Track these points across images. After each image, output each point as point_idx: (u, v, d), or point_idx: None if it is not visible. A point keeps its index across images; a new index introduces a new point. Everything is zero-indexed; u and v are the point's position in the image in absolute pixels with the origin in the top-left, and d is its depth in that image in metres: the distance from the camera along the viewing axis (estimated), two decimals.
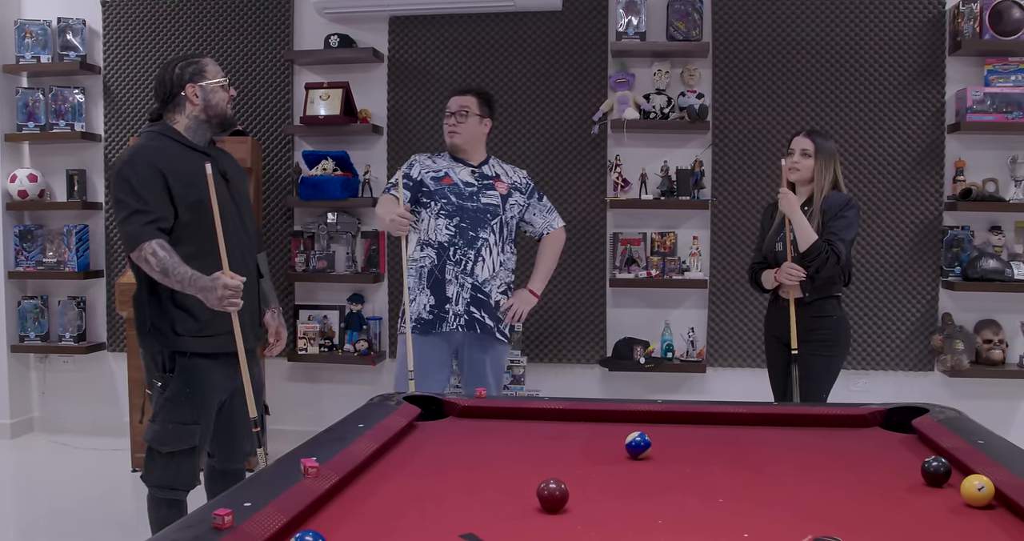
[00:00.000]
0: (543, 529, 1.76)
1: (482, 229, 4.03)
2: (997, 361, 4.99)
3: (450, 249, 3.99)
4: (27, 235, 5.80)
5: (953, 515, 1.85)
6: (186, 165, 3.12)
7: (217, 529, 1.58)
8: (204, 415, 3.20)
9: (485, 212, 4.04)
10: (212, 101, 3.24)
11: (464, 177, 4.08)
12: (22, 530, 4.29)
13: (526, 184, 4.22)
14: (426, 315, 4.01)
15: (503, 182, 4.13)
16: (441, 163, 4.13)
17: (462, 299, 4.00)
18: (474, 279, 4.01)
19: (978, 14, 4.87)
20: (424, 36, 5.45)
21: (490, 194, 4.08)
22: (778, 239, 3.99)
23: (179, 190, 3.09)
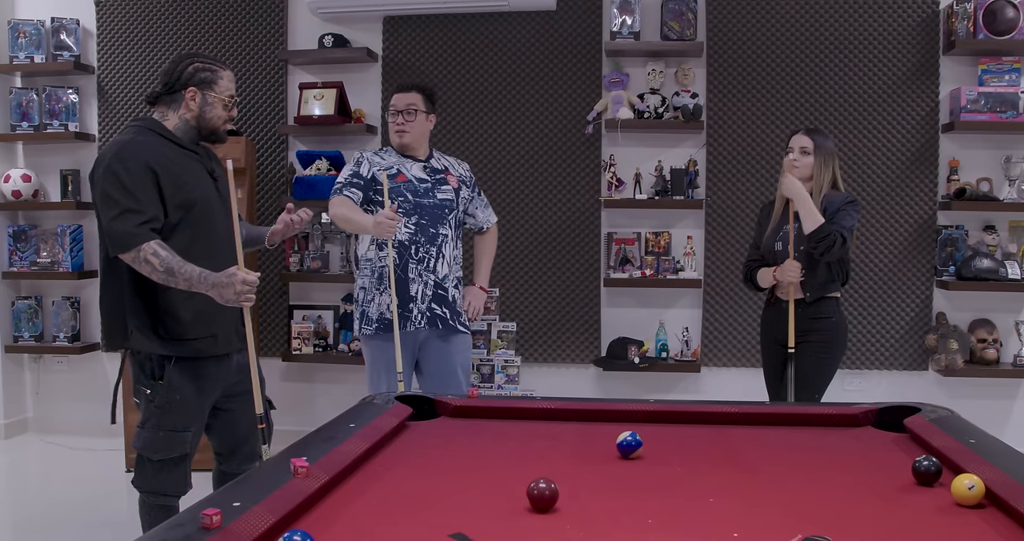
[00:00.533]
0: (532, 528, 1.76)
1: (441, 225, 4.01)
2: (991, 360, 5.00)
3: (411, 247, 3.95)
4: (21, 235, 5.79)
5: (943, 514, 1.85)
6: (175, 164, 3.04)
7: (205, 529, 1.58)
8: (195, 421, 3.13)
9: (442, 208, 4.02)
10: (207, 114, 3.14)
11: (416, 173, 4.04)
12: (16, 530, 4.28)
13: (469, 177, 4.22)
14: (388, 315, 3.94)
15: (452, 175, 4.12)
16: (390, 159, 4.07)
17: (424, 296, 3.97)
18: (435, 276, 3.99)
19: (972, 13, 4.88)
20: (418, 36, 5.45)
21: (444, 189, 4.05)
22: (778, 237, 3.98)
23: (169, 190, 2.99)
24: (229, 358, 3.22)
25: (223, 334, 3.16)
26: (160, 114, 3.16)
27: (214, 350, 3.12)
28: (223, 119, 3.18)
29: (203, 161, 3.16)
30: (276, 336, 5.66)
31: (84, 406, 5.86)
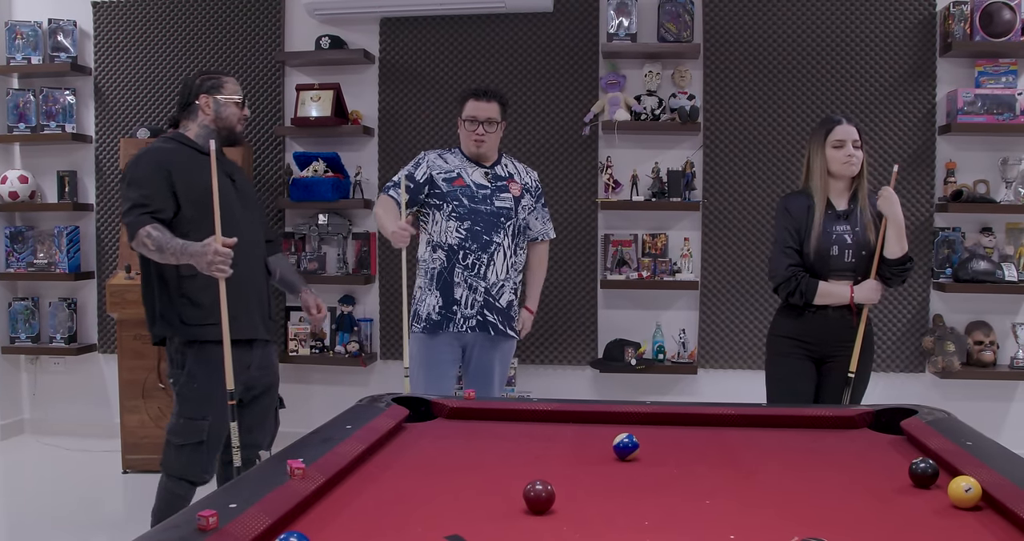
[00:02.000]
0: (529, 530, 1.76)
1: (495, 233, 3.96)
2: (988, 363, 5.00)
3: (460, 252, 3.93)
4: (18, 236, 5.78)
5: (940, 516, 1.85)
6: (191, 166, 3.34)
7: (202, 530, 1.57)
8: (212, 410, 3.32)
9: (499, 216, 3.97)
10: (223, 114, 3.48)
11: (477, 179, 4.00)
12: (13, 532, 4.27)
13: (536, 187, 4.17)
14: (435, 316, 3.97)
15: (516, 183, 4.06)
16: (453, 162, 4.05)
17: (474, 302, 3.95)
18: (486, 283, 3.96)
19: (969, 15, 4.88)
20: (415, 37, 5.45)
21: (504, 196, 4.00)
22: (834, 241, 3.55)
23: (183, 187, 3.29)
24: (250, 346, 3.45)
25: (245, 318, 3.39)
26: (183, 127, 3.51)
27: (237, 333, 3.26)
28: (237, 117, 3.53)
29: (222, 165, 3.34)
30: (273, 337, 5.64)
31: (81, 407, 5.86)
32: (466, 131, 4.00)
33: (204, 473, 3.41)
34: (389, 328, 5.57)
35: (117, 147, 5.65)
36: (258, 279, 3.56)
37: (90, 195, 5.82)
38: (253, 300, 3.48)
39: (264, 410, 3.64)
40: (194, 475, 3.38)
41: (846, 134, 3.54)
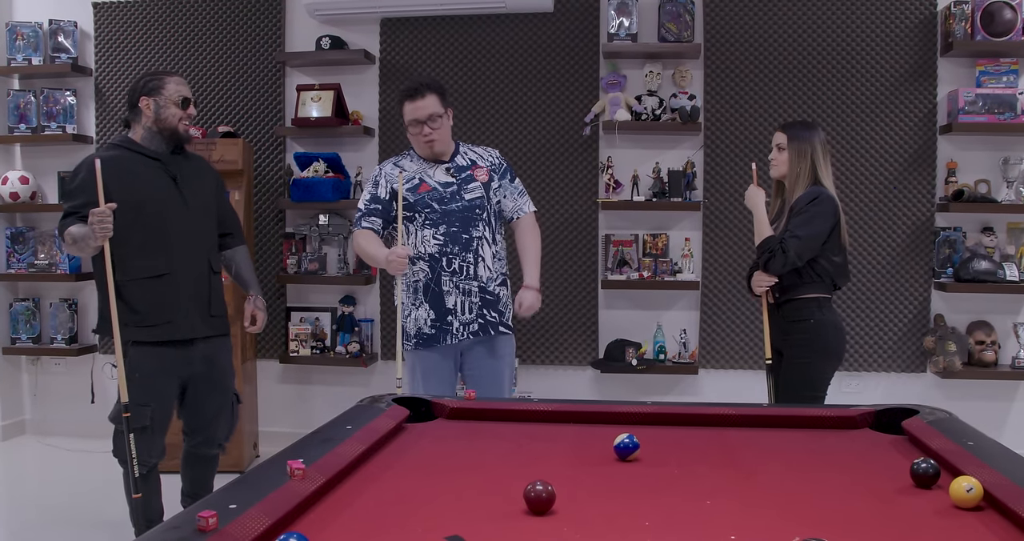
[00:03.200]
0: (529, 531, 1.75)
1: (474, 227, 3.80)
2: (989, 362, 4.99)
3: (443, 259, 3.76)
4: (19, 237, 5.78)
5: (941, 517, 1.84)
6: (130, 171, 3.52)
7: (201, 531, 1.57)
8: (154, 398, 3.54)
9: (472, 209, 3.80)
10: (162, 115, 3.57)
11: (440, 177, 3.82)
12: (13, 532, 4.27)
13: (500, 164, 3.97)
14: (427, 329, 3.80)
15: (481, 167, 3.89)
16: (411, 167, 3.86)
17: (471, 305, 3.79)
18: (479, 281, 3.80)
19: (970, 15, 4.88)
20: (415, 38, 5.45)
21: (471, 187, 3.83)
22: None
23: (117, 192, 3.41)
24: (191, 345, 3.62)
25: (182, 321, 3.57)
26: (132, 131, 3.64)
27: (171, 335, 3.55)
28: (178, 117, 3.59)
29: (165, 168, 3.59)
30: (274, 338, 5.65)
31: (81, 408, 5.85)
32: (413, 135, 3.80)
33: (150, 456, 3.57)
34: (390, 328, 5.57)
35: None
36: (197, 277, 3.66)
37: None
38: (191, 299, 3.60)
39: (216, 405, 3.77)
40: (148, 457, 3.55)
41: (774, 139, 3.86)
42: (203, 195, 3.73)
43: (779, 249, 3.60)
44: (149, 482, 3.63)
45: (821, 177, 3.73)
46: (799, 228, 3.61)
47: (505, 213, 3.99)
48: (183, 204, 3.60)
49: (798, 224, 3.62)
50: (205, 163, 3.92)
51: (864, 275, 5.16)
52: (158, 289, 3.53)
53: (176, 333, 3.56)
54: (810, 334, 3.67)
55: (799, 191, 3.71)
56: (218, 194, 3.85)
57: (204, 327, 3.66)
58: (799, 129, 3.79)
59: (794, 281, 3.70)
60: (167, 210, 3.55)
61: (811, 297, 3.69)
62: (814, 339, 3.67)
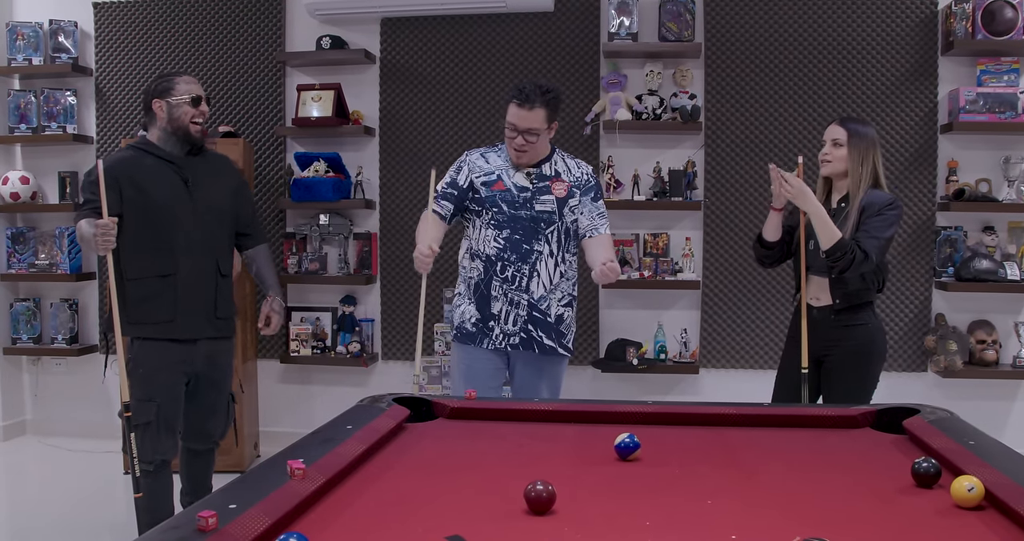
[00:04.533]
0: (530, 530, 1.75)
1: (536, 241, 3.63)
2: (990, 362, 4.99)
3: (497, 264, 3.63)
4: (19, 237, 5.78)
5: (943, 516, 1.84)
6: (142, 173, 3.56)
7: (201, 531, 1.57)
8: (159, 394, 3.56)
9: (539, 221, 3.63)
10: (174, 115, 3.59)
11: (519, 180, 3.66)
12: (14, 533, 4.27)
13: (587, 181, 3.74)
14: (469, 327, 3.72)
15: (563, 181, 3.69)
16: (495, 162, 3.73)
17: (517, 318, 3.66)
18: (529, 296, 3.64)
19: (970, 14, 4.87)
20: (416, 37, 5.44)
21: (544, 199, 3.64)
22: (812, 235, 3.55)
23: (129, 193, 3.51)
24: (194, 344, 3.65)
25: (185, 320, 3.60)
26: (149, 134, 3.68)
27: (173, 333, 3.58)
28: (190, 115, 3.61)
29: (177, 169, 3.62)
30: (274, 338, 5.65)
31: (83, 408, 5.86)
32: (508, 137, 3.64)
33: (155, 453, 3.56)
34: (390, 328, 5.57)
35: (118, 148, 5.64)
36: (204, 279, 3.67)
37: None
38: (196, 301, 3.63)
39: (212, 403, 3.81)
40: (145, 455, 3.52)
41: (828, 133, 3.63)
42: (217, 197, 3.73)
43: (860, 251, 3.38)
44: (158, 481, 3.62)
45: (882, 182, 3.59)
46: (880, 230, 3.44)
47: (580, 230, 3.72)
48: (192, 206, 3.62)
49: (878, 226, 3.44)
50: (226, 163, 3.91)
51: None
52: (162, 289, 3.57)
53: (178, 332, 3.59)
54: (867, 339, 3.57)
55: (861, 193, 3.52)
56: (237, 194, 3.84)
57: (209, 328, 3.68)
58: (862, 126, 3.61)
59: (859, 285, 3.54)
60: (175, 212, 3.58)
61: (869, 301, 3.60)
62: (871, 342, 3.58)
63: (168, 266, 3.58)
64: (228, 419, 3.90)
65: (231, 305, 3.83)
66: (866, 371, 3.60)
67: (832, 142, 3.58)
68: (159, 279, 3.58)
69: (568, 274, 3.75)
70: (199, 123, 3.65)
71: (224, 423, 3.88)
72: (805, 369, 3.54)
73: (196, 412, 3.78)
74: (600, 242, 3.70)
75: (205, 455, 3.89)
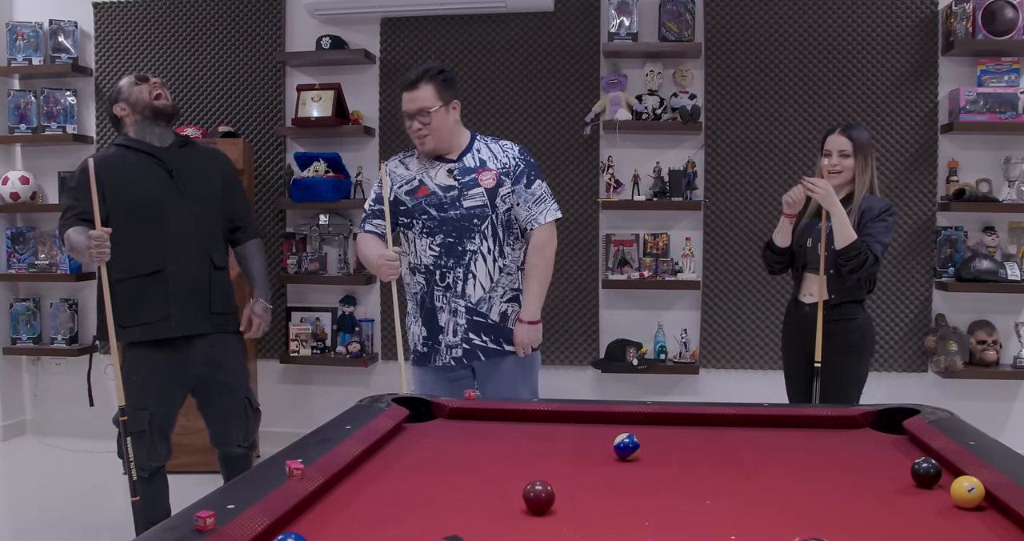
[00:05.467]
0: (528, 531, 1.75)
1: (469, 240, 3.42)
2: (991, 362, 4.99)
3: (436, 272, 3.45)
4: (19, 237, 5.78)
5: (942, 517, 1.83)
6: (124, 169, 3.50)
7: (199, 531, 1.57)
8: (153, 401, 3.52)
9: (470, 218, 3.42)
10: (132, 100, 3.55)
11: (441, 180, 3.45)
12: (14, 533, 4.27)
13: (516, 165, 3.50)
14: (420, 348, 3.55)
15: (489, 170, 3.46)
16: (413, 167, 3.51)
17: (455, 327, 3.47)
18: (467, 301, 3.45)
19: (971, 14, 4.87)
20: (416, 37, 5.44)
21: (473, 194, 3.43)
22: (808, 235, 3.79)
23: (111, 192, 3.42)
24: (190, 343, 3.56)
25: (177, 317, 3.51)
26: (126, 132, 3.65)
27: (167, 331, 3.49)
28: (146, 92, 3.54)
29: (160, 162, 3.55)
30: (274, 338, 5.65)
31: (82, 408, 5.82)
32: (409, 130, 3.46)
33: (149, 460, 3.55)
34: (390, 329, 5.56)
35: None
36: (195, 273, 3.58)
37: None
38: (190, 296, 3.54)
39: (225, 407, 3.70)
40: (139, 462, 3.48)
41: (832, 143, 3.74)
42: (205, 188, 3.64)
43: (871, 254, 3.56)
44: (153, 485, 3.60)
45: (876, 188, 3.78)
46: (882, 235, 3.62)
47: (520, 224, 3.55)
48: (179, 198, 3.54)
49: (881, 232, 3.62)
50: (214, 155, 3.82)
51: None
52: (151, 286, 3.48)
53: (170, 330, 3.50)
54: (857, 333, 3.74)
55: (859, 198, 3.69)
56: (227, 186, 3.75)
57: (204, 324, 3.57)
58: (861, 132, 3.76)
59: (854, 283, 3.70)
60: (161, 205, 3.50)
61: (860, 299, 3.77)
62: (860, 338, 3.75)
63: (157, 262, 3.48)
64: (249, 422, 3.77)
65: (230, 300, 3.72)
66: (859, 365, 3.76)
67: (839, 153, 3.72)
68: (148, 277, 3.48)
69: (509, 269, 3.52)
70: (160, 95, 3.57)
71: (244, 427, 3.75)
72: (818, 363, 3.67)
73: (211, 417, 3.71)
74: (536, 243, 3.53)
75: (239, 460, 3.79)
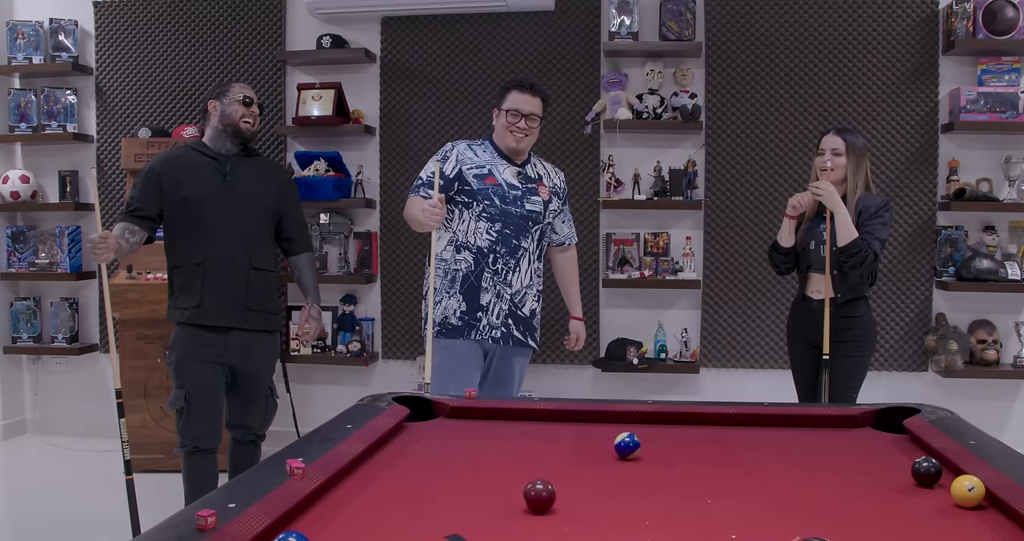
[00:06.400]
0: (529, 530, 1.75)
1: (524, 237, 3.80)
2: (991, 361, 4.99)
3: (490, 256, 3.75)
4: (19, 236, 5.78)
5: (943, 516, 1.84)
6: (183, 168, 3.78)
7: (200, 530, 1.57)
8: (190, 382, 3.74)
9: (528, 219, 3.80)
10: (226, 112, 3.81)
11: (508, 178, 3.79)
12: (14, 532, 4.27)
13: (562, 189, 4.02)
14: (455, 321, 3.77)
15: (545, 185, 3.89)
16: (484, 156, 3.82)
17: (499, 311, 3.78)
18: (511, 289, 3.80)
19: (971, 13, 4.87)
20: (416, 36, 5.44)
21: (534, 199, 3.82)
22: (811, 237, 3.90)
23: (169, 188, 3.74)
24: (226, 332, 3.78)
25: (212, 307, 3.74)
26: (205, 136, 3.91)
27: (202, 319, 3.73)
28: (240, 113, 3.81)
29: (218, 165, 3.81)
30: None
31: (83, 407, 5.85)
32: (506, 123, 3.77)
33: (186, 439, 3.75)
34: (391, 327, 5.56)
35: (118, 147, 5.64)
36: (234, 270, 3.79)
37: (91, 195, 5.81)
38: (224, 289, 3.76)
39: (248, 395, 3.91)
40: (183, 439, 3.76)
41: (827, 142, 3.86)
42: (256, 193, 3.87)
43: (871, 252, 3.66)
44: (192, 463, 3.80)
45: (871, 186, 3.89)
46: (880, 231, 3.73)
47: (555, 237, 4.06)
48: (228, 200, 3.78)
49: (878, 228, 3.73)
50: (273, 167, 4.15)
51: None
52: (194, 276, 3.74)
53: (206, 319, 3.74)
54: (863, 330, 3.84)
55: (856, 197, 3.79)
56: (281, 198, 3.98)
57: (239, 319, 3.80)
58: (855, 136, 3.88)
59: (858, 281, 3.82)
60: (210, 204, 3.75)
61: (864, 296, 3.88)
62: (865, 336, 3.85)
63: (200, 255, 3.75)
64: (267, 412, 4.00)
65: (269, 299, 3.92)
66: (857, 365, 3.84)
67: (832, 151, 3.83)
68: (192, 267, 3.76)
69: (539, 271, 3.96)
70: (249, 122, 3.85)
71: (263, 416, 3.99)
72: (826, 355, 3.74)
73: (235, 403, 3.92)
74: (573, 258, 4.20)
75: (247, 447, 4.01)
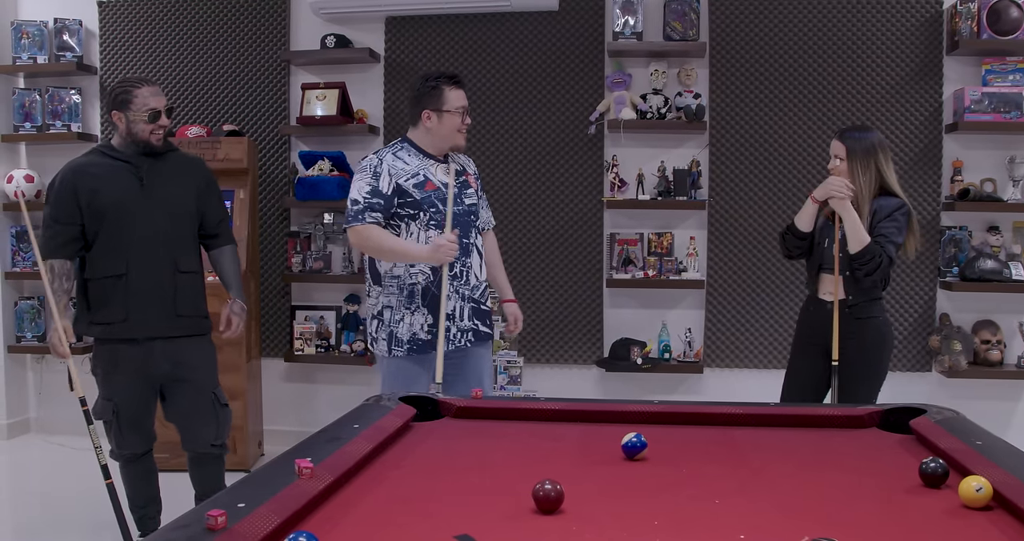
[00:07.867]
0: (538, 530, 1.75)
1: (470, 233, 3.69)
2: (995, 362, 4.99)
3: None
4: (24, 235, 5.78)
5: (951, 516, 1.84)
6: (96, 176, 3.57)
7: (211, 530, 1.57)
8: (116, 394, 3.65)
9: (470, 214, 3.71)
10: (132, 129, 3.57)
11: (441, 177, 3.65)
12: (18, 531, 4.28)
13: (477, 174, 3.90)
14: (423, 335, 3.62)
15: (471, 174, 3.81)
16: (412, 161, 3.63)
17: (466, 312, 3.68)
18: (469, 288, 3.70)
19: (976, 13, 4.86)
20: (420, 36, 5.44)
21: (468, 192, 3.73)
22: (826, 235, 3.82)
23: (84, 199, 3.54)
24: (152, 343, 3.61)
25: (137, 318, 3.58)
26: (113, 138, 3.70)
27: (127, 333, 3.58)
28: (147, 131, 3.58)
29: (134, 170, 3.59)
30: (278, 337, 5.65)
31: None
32: (451, 123, 3.61)
33: (120, 448, 3.71)
34: None
35: None
36: (159, 277, 3.62)
37: None
38: (151, 299, 3.59)
39: (190, 405, 3.73)
40: (121, 449, 3.72)
41: (831, 148, 3.82)
42: (176, 195, 3.68)
43: (883, 254, 3.58)
44: (128, 471, 3.79)
45: (891, 184, 3.72)
46: (895, 235, 3.63)
47: (481, 224, 3.88)
48: (147, 205, 3.59)
49: (893, 231, 3.63)
50: (193, 164, 3.84)
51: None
52: (115, 289, 3.57)
53: (131, 332, 3.58)
54: (876, 332, 3.76)
55: (868, 201, 3.69)
56: (202, 194, 3.78)
57: (166, 327, 3.62)
58: (859, 137, 3.74)
59: (870, 285, 3.72)
60: (128, 212, 3.56)
61: (878, 297, 3.79)
62: (880, 336, 3.77)
63: (121, 266, 3.57)
64: (219, 422, 3.77)
65: (197, 303, 3.75)
66: (881, 363, 3.78)
67: (835, 157, 3.78)
68: (112, 279, 3.57)
69: (482, 263, 3.84)
70: (160, 135, 3.62)
71: (213, 426, 3.75)
72: (836, 362, 3.68)
73: (177, 415, 3.75)
74: (495, 244, 4.04)
75: (207, 461, 3.80)
